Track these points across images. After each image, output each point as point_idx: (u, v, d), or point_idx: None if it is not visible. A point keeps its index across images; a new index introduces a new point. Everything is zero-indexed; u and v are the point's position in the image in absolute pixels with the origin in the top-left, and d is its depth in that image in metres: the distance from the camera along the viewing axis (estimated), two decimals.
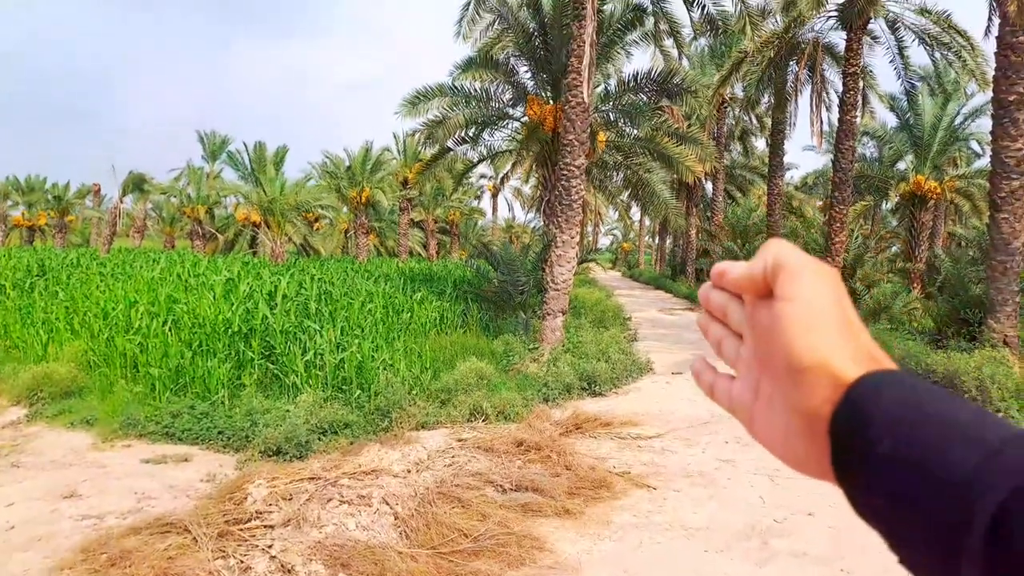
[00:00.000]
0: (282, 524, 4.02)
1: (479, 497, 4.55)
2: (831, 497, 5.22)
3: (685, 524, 4.66)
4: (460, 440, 6.16)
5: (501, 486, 4.89)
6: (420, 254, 40.40)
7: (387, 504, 4.37)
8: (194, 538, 3.79)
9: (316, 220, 40.92)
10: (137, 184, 32.18)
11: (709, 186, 30.50)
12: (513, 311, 12.67)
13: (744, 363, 0.45)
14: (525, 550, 3.93)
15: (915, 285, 19.81)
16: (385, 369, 8.31)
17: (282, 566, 3.52)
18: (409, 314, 11.81)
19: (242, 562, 3.58)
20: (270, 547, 3.73)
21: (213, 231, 35.51)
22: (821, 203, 31.51)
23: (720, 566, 4.03)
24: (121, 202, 31.93)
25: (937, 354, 9.74)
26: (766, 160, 25.41)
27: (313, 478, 4.75)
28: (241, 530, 3.93)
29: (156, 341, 8.31)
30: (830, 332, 0.38)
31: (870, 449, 0.34)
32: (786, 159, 21.53)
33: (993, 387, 8.21)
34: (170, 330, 8.81)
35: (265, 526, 4.00)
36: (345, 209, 33.73)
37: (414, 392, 7.81)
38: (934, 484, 0.31)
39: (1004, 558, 0.28)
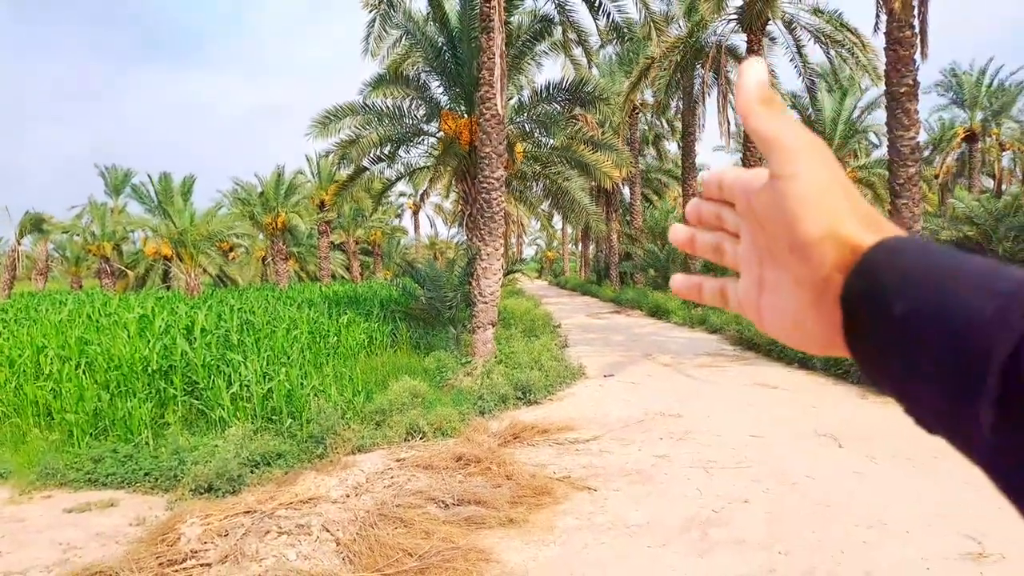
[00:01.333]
0: (219, 561, 3.87)
1: (421, 515, 4.51)
2: (765, 483, 5.46)
3: (627, 522, 4.75)
4: (398, 460, 6.08)
5: (443, 502, 4.87)
6: (343, 277, 39.72)
7: (327, 531, 4.27)
8: None
9: (231, 249, 39.66)
10: (35, 224, 30.30)
11: (627, 191, 31.34)
12: (443, 327, 12.62)
13: (744, 260, 0.45)
14: (471, 563, 3.92)
15: None
16: (316, 395, 8.12)
17: None
18: (336, 338, 11.59)
19: None
20: None
21: (122, 268, 33.78)
22: None
23: (664, 560, 4.13)
24: (19, 244, 29.97)
25: None
26: (679, 162, 26.32)
27: (248, 512, 4.59)
28: (176, 571, 3.76)
29: (70, 386, 7.86)
30: (835, 203, 0.38)
31: (885, 313, 0.34)
32: (698, 160, 22.36)
33: None
34: (84, 373, 8.35)
35: (201, 565, 3.84)
36: (261, 236, 32.82)
37: (347, 416, 7.65)
38: (951, 336, 0.31)
39: (1021, 393, 0.29)
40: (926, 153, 32.54)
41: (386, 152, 15.31)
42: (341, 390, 8.63)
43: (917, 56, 10.89)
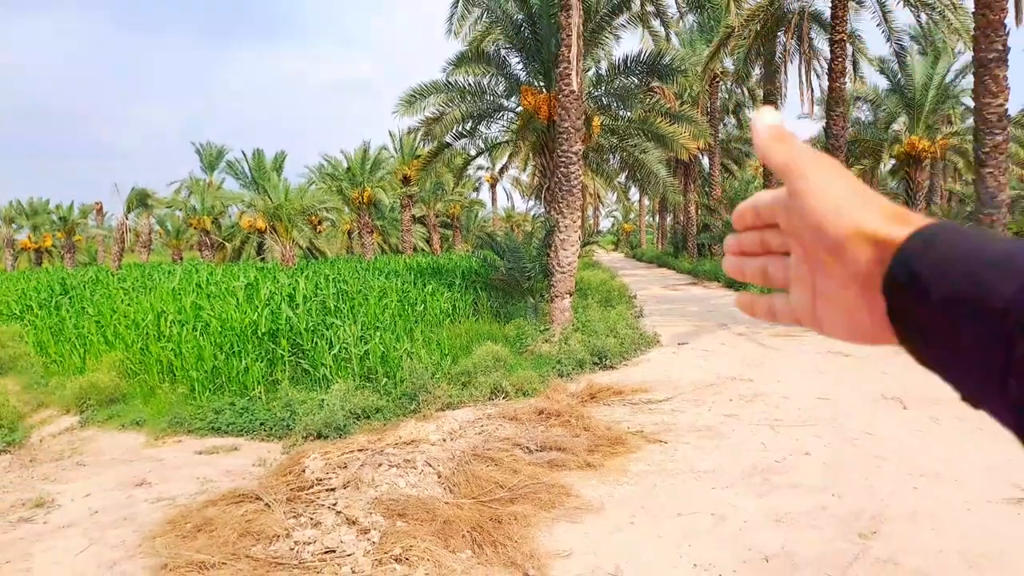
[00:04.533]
0: (342, 487, 4.57)
1: (509, 456, 5.08)
2: (827, 439, 5.74)
3: (695, 468, 5.18)
4: (487, 414, 6.68)
5: (528, 447, 5.42)
6: (424, 249, 40.89)
7: (430, 466, 4.91)
8: (266, 504, 4.34)
9: (319, 223, 41.47)
10: (141, 200, 32.73)
11: (706, 161, 30.86)
12: (521, 296, 13.14)
13: (795, 273, 0.48)
14: (554, 495, 4.47)
15: None
16: (408, 357, 8.81)
17: (347, 519, 4.07)
18: (423, 306, 12.29)
19: (312, 518, 4.13)
20: (334, 505, 4.28)
21: (220, 240, 36.12)
22: None
23: (726, 498, 4.55)
24: (126, 218, 32.51)
25: None
26: None
27: (362, 449, 5.30)
28: (306, 494, 4.48)
29: (189, 346, 8.83)
30: (851, 204, 0.42)
31: (923, 300, 0.37)
32: None
33: None
34: (201, 335, 9.33)
35: (327, 490, 4.55)
36: (347, 210, 34.24)
37: (437, 376, 8.29)
38: (982, 319, 0.34)
39: None
40: None
41: (467, 128, 15.84)
42: (430, 353, 9.29)
43: (1010, 20, 10.49)
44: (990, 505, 4.24)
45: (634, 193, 48.09)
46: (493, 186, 53.80)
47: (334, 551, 3.71)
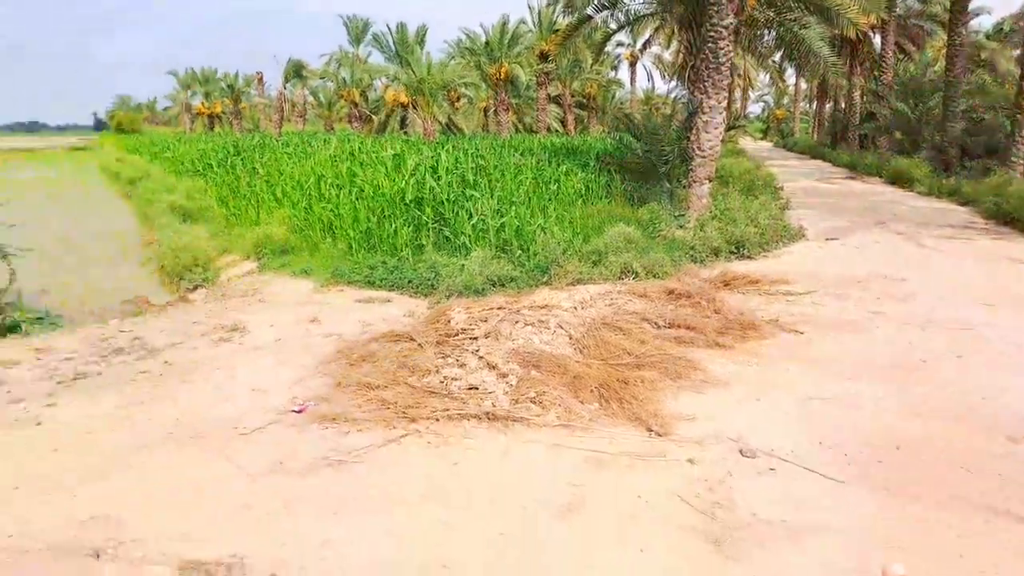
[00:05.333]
0: (483, 336, 5.03)
1: (638, 328, 5.27)
2: (983, 344, 5.42)
3: (831, 359, 5.10)
4: (617, 289, 6.84)
5: (656, 323, 5.57)
6: (557, 130, 40.28)
7: (562, 328, 5.22)
8: (419, 344, 4.88)
9: (457, 99, 41.80)
10: (296, 71, 34.40)
11: (878, 40, 27.56)
12: (657, 181, 12.83)
13: None
14: (681, 368, 4.63)
15: None
16: (542, 232, 9.03)
17: (488, 364, 4.52)
18: (556, 185, 12.35)
19: (457, 360, 4.64)
20: (477, 351, 4.76)
21: (368, 113, 37.47)
22: (1020, 52, 27.19)
23: (862, 389, 4.50)
24: (284, 88, 34.42)
25: None
26: (947, 5, 22.43)
27: (500, 308, 5.71)
28: (453, 340, 4.99)
29: (346, 208, 9.58)
30: None
31: None
32: (975, 2, 18.83)
33: None
34: (356, 199, 10.04)
35: (470, 338, 5.03)
36: (484, 87, 34.17)
37: (568, 253, 8.46)
38: None
39: None
40: None
41: None
42: (562, 230, 9.45)
43: None
44: None
45: (790, 75, 44.24)
46: (633, 64, 51.14)
47: (477, 388, 4.24)
